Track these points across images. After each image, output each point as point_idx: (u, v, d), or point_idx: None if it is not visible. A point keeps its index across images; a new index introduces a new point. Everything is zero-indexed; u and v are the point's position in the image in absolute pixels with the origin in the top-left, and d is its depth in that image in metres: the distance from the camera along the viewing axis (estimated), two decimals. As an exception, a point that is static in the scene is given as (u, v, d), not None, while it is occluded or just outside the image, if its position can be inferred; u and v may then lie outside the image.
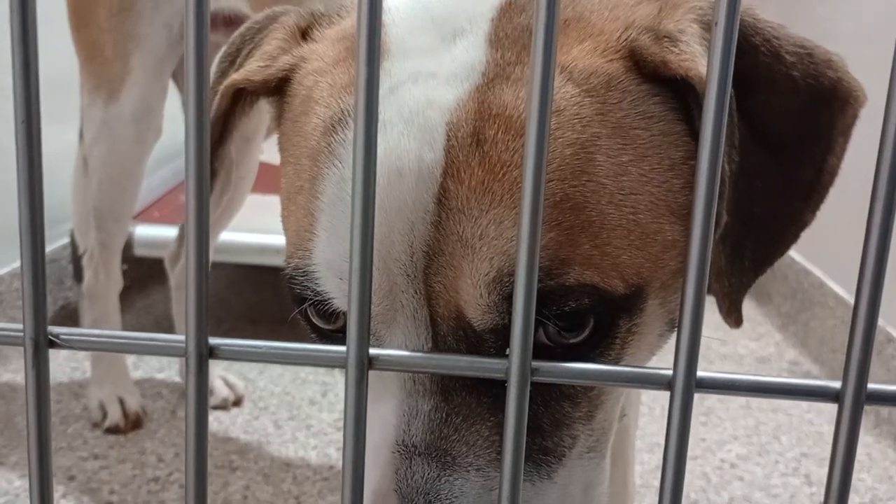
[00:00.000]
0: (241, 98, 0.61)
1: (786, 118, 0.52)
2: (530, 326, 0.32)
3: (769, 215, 0.52)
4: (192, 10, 0.31)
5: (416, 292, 0.49)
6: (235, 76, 0.61)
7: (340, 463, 1.43)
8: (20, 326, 0.34)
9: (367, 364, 0.33)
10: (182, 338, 0.34)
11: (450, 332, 0.49)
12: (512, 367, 0.33)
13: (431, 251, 0.48)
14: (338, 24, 0.60)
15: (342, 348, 0.33)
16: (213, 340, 0.34)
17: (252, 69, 0.60)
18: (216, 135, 0.62)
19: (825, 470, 1.42)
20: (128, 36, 1.29)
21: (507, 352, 0.34)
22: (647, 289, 0.51)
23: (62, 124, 1.44)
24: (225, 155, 0.65)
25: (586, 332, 0.49)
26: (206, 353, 0.33)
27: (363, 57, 0.31)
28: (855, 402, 0.32)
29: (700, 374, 0.33)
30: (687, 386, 0.33)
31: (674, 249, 0.51)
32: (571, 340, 0.49)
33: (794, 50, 0.52)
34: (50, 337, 0.34)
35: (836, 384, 0.33)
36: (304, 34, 0.61)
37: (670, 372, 0.33)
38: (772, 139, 0.52)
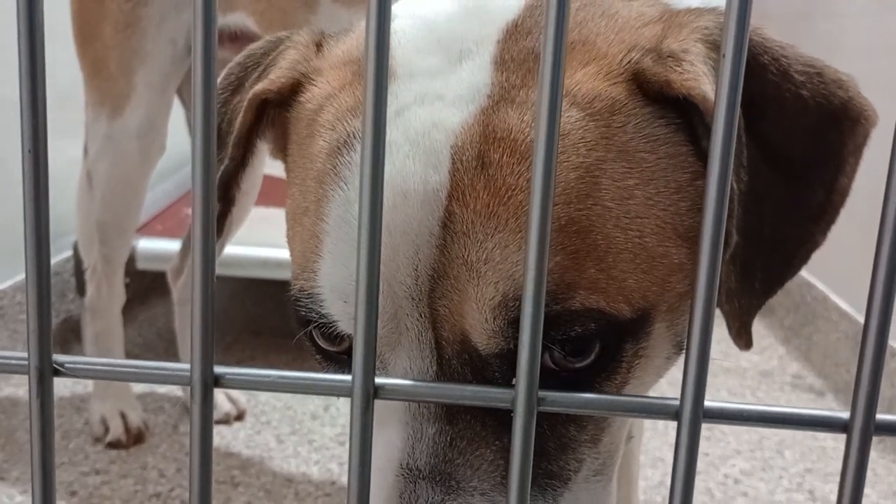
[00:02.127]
0: (265, 112, 0.60)
1: (795, 138, 0.51)
2: (536, 358, 0.32)
3: (779, 236, 0.51)
4: (199, 26, 0.31)
5: (420, 315, 0.49)
6: (258, 87, 0.59)
7: (342, 478, 1.42)
8: (24, 355, 0.34)
9: (372, 394, 0.33)
10: (187, 366, 0.34)
11: (455, 356, 0.49)
12: (518, 397, 0.33)
13: (436, 274, 0.48)
14: (345, 43, 0.60)
15: (348, 378, 0.33)
16: (218, 369, 0.34)
17: (274, 78, 0.59)
18: (239, 156, 0.60)
19: (829, 486, 1.42)
20: (133, 52, 1.29)
21: (514, 381, 0.33)
22: (654, 312, 0.50)
23: (66, 139, 1.44)
24: (245, 179, 0.64)
25: (592, 357, 0.49)
26: (212, 383, 0.33)
27: (371, 81, 0.31)
28: (863, 433, 0.32)
29: (707, 403, 0.33)
30: (694, 416, 0.32)
31: (680, 272, 0.51)
32: (577, 365, 0.49)
33: (804, 69, 0.52)
34: (54, 366, 0.33)
35: (845, 415, 0.33)
36: (319, 49, 0.60)
37: (677, 402, 0.33)
38: (781, 159, 0.51)
